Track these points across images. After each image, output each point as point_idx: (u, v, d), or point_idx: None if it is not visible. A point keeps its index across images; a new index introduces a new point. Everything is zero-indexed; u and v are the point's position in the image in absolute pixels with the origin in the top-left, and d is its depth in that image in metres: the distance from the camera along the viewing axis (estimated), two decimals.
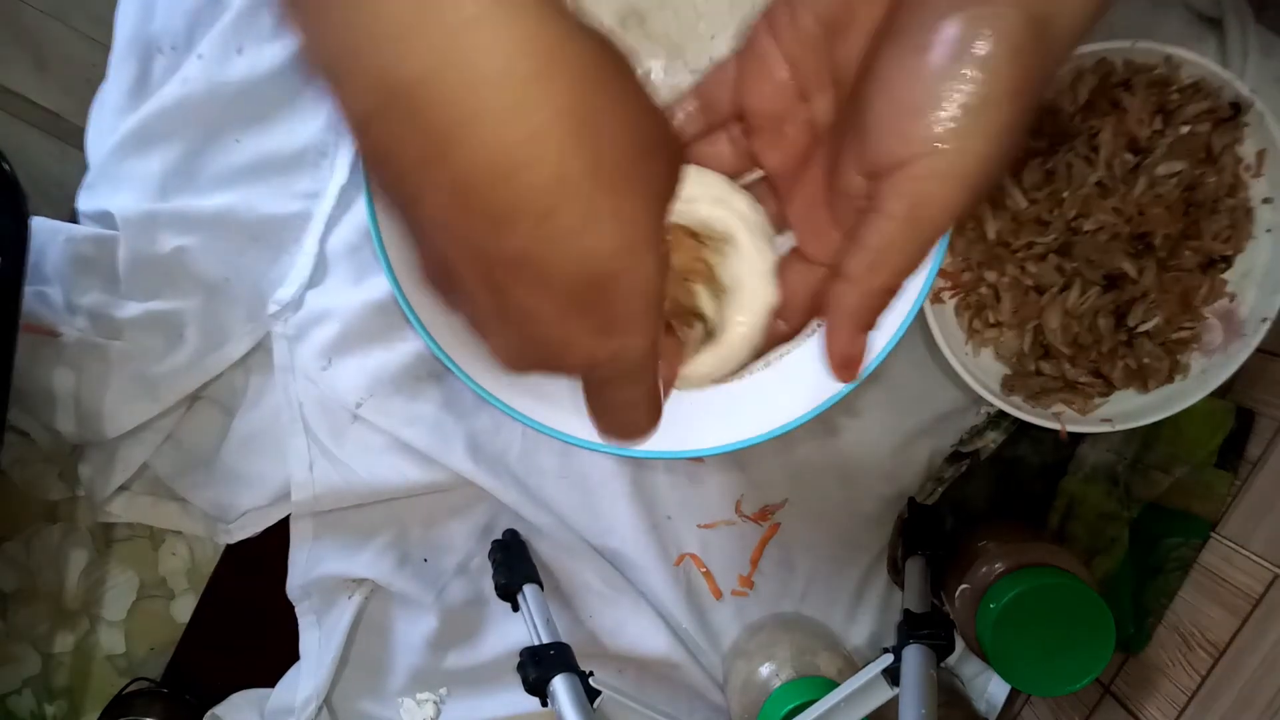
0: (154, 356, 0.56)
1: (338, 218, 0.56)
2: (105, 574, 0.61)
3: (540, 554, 0.58)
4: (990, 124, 0.23)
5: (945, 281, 0.52)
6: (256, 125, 0.55)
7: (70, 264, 0.55)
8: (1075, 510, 0.56)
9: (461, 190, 0.20)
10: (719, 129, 0.31)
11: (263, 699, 0.61)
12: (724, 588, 0.60)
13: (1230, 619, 0.48)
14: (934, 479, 0.58)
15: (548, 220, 0.20)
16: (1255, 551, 0.48)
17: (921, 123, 0.24)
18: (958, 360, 0.50)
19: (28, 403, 0.55)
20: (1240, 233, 0.49)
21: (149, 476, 0.59)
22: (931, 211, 0.25)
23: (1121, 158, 0.48)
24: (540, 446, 0.58)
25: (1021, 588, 0.48)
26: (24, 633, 0.61)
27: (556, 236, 0.21)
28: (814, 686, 0.52)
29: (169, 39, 0.55)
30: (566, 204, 0.20)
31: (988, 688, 0.61)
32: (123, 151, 0.55)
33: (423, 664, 0.59)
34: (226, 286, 0.56)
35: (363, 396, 0.55)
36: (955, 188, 0.24)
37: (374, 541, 0.58)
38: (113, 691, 0.61)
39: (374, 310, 0.55)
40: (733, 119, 0.31)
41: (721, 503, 0.59)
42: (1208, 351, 0.51)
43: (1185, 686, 0.50)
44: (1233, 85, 0.47)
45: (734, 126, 0.31)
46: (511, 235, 0.21)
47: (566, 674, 0.47)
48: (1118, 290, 0.50)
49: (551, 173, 0.20)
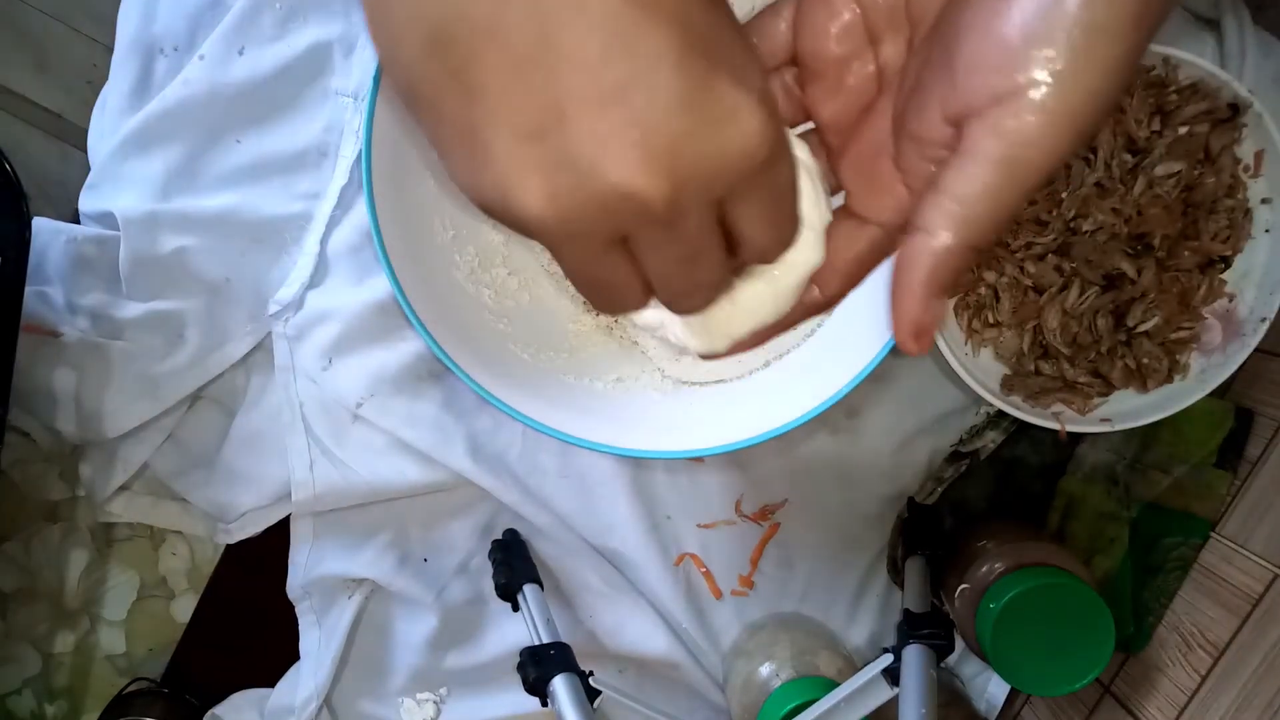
0: (155, 356, 0.56)
1: (338, 218, 0.56)
2: (105, 574, 0.61)
3: (540, 554, 0.59)
4: (1107, 55, 0.21)
5: None
6: (258, 126, 0.55)
7: (71, 264, 0.55)
8: (1075, 510, 0.56)
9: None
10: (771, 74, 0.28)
11: (263, 699, 0.61)
12: (724, 587, 0.60)
13: (1230, 619, 0.48)
14: (934, 479, 0.58)
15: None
16: (1255, 551, 0.49)
17: (1027, 53, 0.21)
18: (957, 360, 0.50)
19: (28, 403, 0.55)
20: (1239, 233, 0.50)
21: (149, 476, 0.59)
22: (1033, 153, 0.21)
23: (1120, 158, 0.48)
24: (540, 446, 0.58)
25: (1021, 587, 0.48)
26: (24, 633, 0.61)
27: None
28: (814, 686, 0.52)
29: (171, 40, 0.55)
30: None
31: (987, 687, 0.61)
32: (124, 152, 0.55)
33: (423, 664, 0.59)
34: (227, 287, 0.56)
35: (363, 396, 0.55)
36: (1062, 126, 0.21)
37: (374, 541, 0.58)
38: (113, 691, 0.61)
39: (375, 310, 0.55)
40: (786, 64, 0.28)
41: (721, 502, 0.59)
42: (1207, 351, 0.51)
43: (1185, 686, 0.50)
44: (1231, 86, 0.47)
45: (787, 72, 0.28)
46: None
47: (566, 674, 0.47)
48: (1117, 290, 0.50)
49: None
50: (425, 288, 0.47)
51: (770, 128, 0.20)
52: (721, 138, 0.19)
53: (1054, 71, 0.21)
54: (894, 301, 0.24)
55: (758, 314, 0.28)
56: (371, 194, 0.45)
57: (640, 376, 0.53)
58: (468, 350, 0.47)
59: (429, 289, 0.47)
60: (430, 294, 0.47)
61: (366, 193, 0.45)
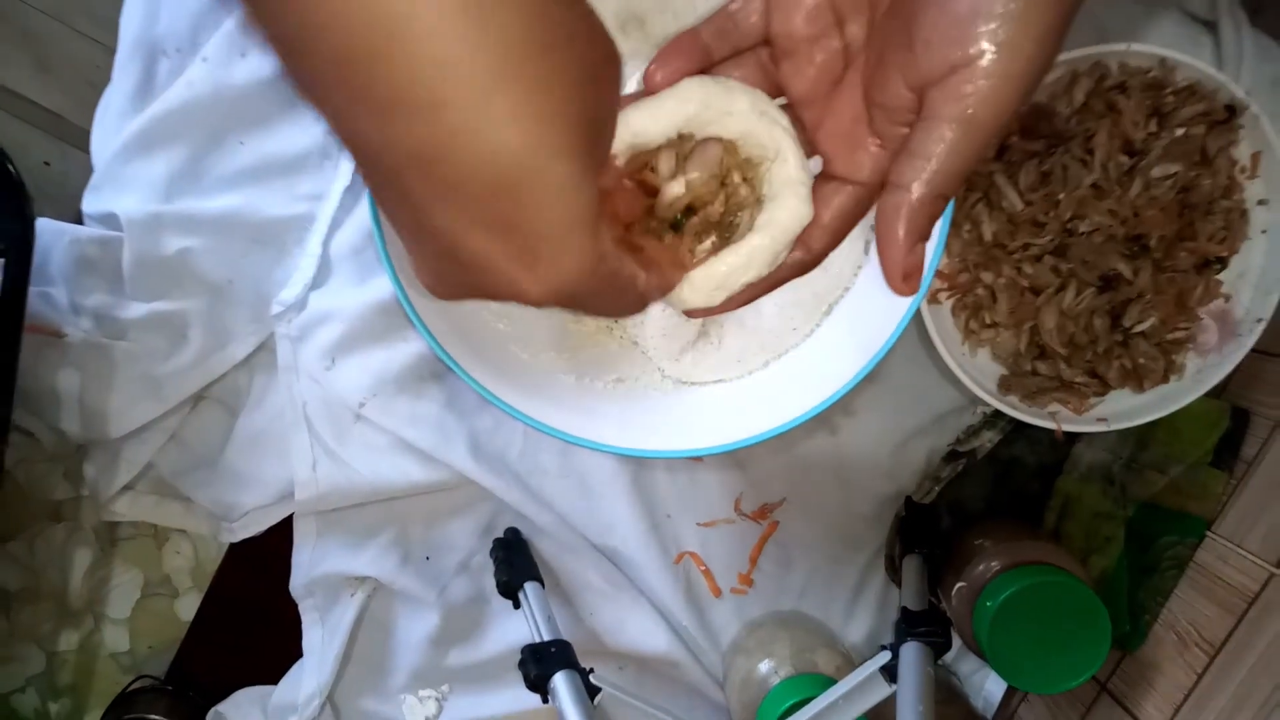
0: (158, 357, 0.56)
1: (341, 219, 0.56)
2: (109, 573, 0.62)
3: (541, 552, 0.59)
4: (1038, 27, 0.25)
5: (942, 282, 0.52)
6: (260, 128, 0.56)
7: (75, 265, 0.56)
8: (1071, 509, 0.56)
9: (341, 63, 0.18)
10: (747, 52, 0.31)
11: (266, 696, 0.61)
12: (723, 585, 0.60)
13: (1226, 617, 0.49)
14: (931, 478, 0.58)
15: (439, 112, 0.19)
16: (1250, 550, 0.49)
17: (974, 28, 0.25)
18: (954, 360, 0.50)
19: (33, 403, 0.55)
20: (1235, 234, 0.50)
21: (153, 476, 0.59)
22: (987, 112, 0.26)
23: (1117, 160, 0.48)
24: (541, 446, 0.58)
25: (1018, 585, 0.48)
26: (28, 631, 0.61)
27: (452, 134, 0.19)
28: (812, 683, 0.52)
29: (174, 42, 0.55)
30: (457, 93, 0.19)
31: (985, 685, 0.61)
32: (127, 154, 0.55)
33: (425, 661, 0.60)
34: (230, 288, 0.56)
35: (365, 396, 0.55)
36: (1011, 87, 0.25)
37: (376, 540, 0.59)
38: (116, 689, 0.62)
39: (377, 311, 0.55)
40: (761, 44, 0.31)
41: (721, 501, 0.60)
42: (1203, 352, 0.52)
43: (1181, 684, 0.50)
44: (1228, 88, 0.47)
45: (763, 51, 0.31)
46: (401, 127, 0.19)
47: (567, 671, 0.48)
48: (1113, 291, 0.50)
49: (433, 52, 0.18)
50: None
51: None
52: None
53: (998, 42, 0.25)
54: (882, 252, 0.29)
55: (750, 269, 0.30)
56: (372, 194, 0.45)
57: (640, 376, 0.53)
58: (468, 350, 0.47)
59: None
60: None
61: (368, 194, 0.45)
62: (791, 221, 0.30)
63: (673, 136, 0.30)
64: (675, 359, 0.53)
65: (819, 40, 0.30)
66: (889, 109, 0.28)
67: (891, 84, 0.27)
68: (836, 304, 0.52)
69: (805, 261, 0.32)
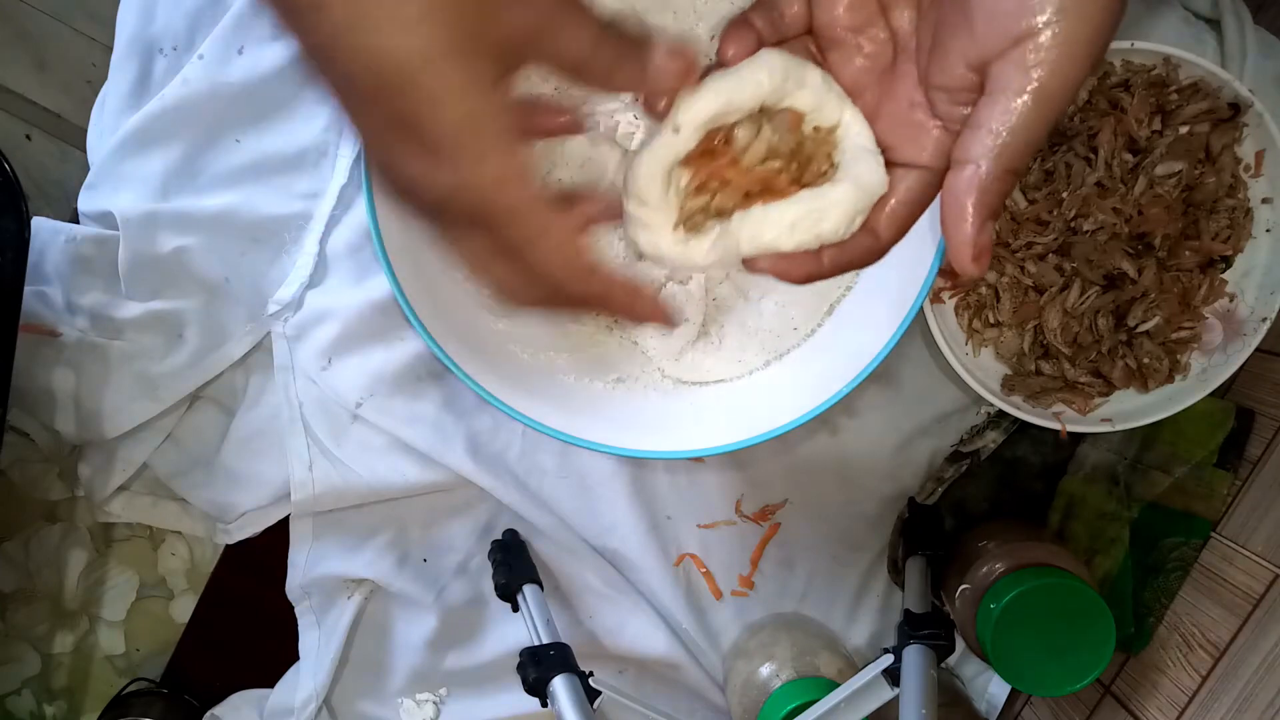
0: (154, 356, 0.56)
1: (338, 218, 0.56)
2: (105, 574, 0.61)
3: (540, 554, 0.58)
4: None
5: (945, 281, 0.52)
6: (257, 126, 0.55)
7: (70, 264, 0.55)
8: (1075, 510, 0.56)
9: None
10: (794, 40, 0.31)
11: (262, 699, 0.61)
12: (724, 588, 0.60)
13: (1231, 619, 0.48)
14: (934, 479, 0.58)
15: (321, 13, 0.21)
16: (1255, 551, 0.48)
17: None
18: (958, 360, 0.50)
19: (27, 403, 0.55)
20: (1240, 233, 0.50)
21: (149, 476, 0.59)
22: (1056, 82, 0.25)
23: (1121, 158, 0.48)
24: (540, 446, 0.58)
25: (1022, 588, 0.48)
26: (23, 633, 0.61)
27: (334, 34, 0.21)
28: (814, 687, 0.52)
29: (170, 39, 0.55)
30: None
31: (988, 688, 0.61)
32: (123, 152, 0.55)
33: (422, 664, 0.59)
34: (227, 286, 0.56)
35: (363, 396, 0.55)
36: (1077, 54, 0.25)
37: (374, 541, 0.58)
38: (112, 692, 0.62)
39: (374, 310, 0.55)
40: (805, 33, 0.30)
41: (721, 502, 0.59)
42: (1207, 351, 0.51)
43: (1186, 687, 0.50)
44: (1231, 86, 0.47)
45: (809, 40, 0.31)
46: (302, 23, 0.21)
47: (566, 674, 0.47)
48: (1117, 290, 0.50)
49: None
50: (425, 287, 0.46)
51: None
52: None
53: (1063, 8, 0.24)
54: (949, 230, 0.28)
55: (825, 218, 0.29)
56: (371, 193, 0.45)
57: (640, 376, 0.53)
58: (467, 350, 0.47)
59: (428, 289, 0.47)
60: (430, 294, 0.47)
61: (366, 192, 0.45)
62: (870, 180, 0.29)
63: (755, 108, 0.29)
64: (675, 359, 0.53)
65: (864, 30, 0.29)
66: (950, 90, 0.27)
67: (951, 64, 0.27)
68: (838, 304, 0.52)
69: (871, 249, 0.31)
